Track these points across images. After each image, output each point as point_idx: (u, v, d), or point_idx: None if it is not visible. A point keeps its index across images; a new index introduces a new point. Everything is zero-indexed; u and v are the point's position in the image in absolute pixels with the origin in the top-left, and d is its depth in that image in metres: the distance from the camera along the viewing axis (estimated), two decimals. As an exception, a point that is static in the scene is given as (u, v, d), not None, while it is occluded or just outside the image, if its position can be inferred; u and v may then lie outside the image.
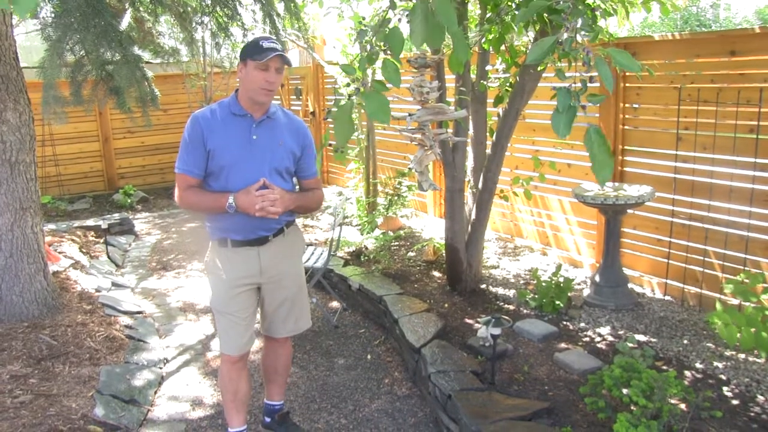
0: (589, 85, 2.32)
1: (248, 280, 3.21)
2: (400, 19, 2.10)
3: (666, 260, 4.97)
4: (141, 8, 5.20)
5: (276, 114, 3.20)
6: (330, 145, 2.90)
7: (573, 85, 2.28)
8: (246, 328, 3.26)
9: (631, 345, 3.77)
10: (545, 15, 2.86)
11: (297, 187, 3.42)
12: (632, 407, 3.03)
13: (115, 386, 4.13)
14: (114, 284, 6.21)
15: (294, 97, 10.88)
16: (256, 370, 4.40)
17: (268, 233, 3.20)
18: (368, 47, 2.26)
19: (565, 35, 2.22)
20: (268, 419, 3.69)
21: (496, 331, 3.68)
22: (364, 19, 5.69)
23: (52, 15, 4.23)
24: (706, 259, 4.69)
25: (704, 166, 4.63)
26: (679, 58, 4.73)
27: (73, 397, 3.94)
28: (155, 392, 4.27)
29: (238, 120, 3.11)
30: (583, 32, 2.20)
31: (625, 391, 3.13)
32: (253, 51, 3.00)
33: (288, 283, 3.35)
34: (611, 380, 3.19)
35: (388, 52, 2.14)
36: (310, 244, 6.43)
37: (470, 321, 4.65)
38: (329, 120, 2.85)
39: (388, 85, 2.49)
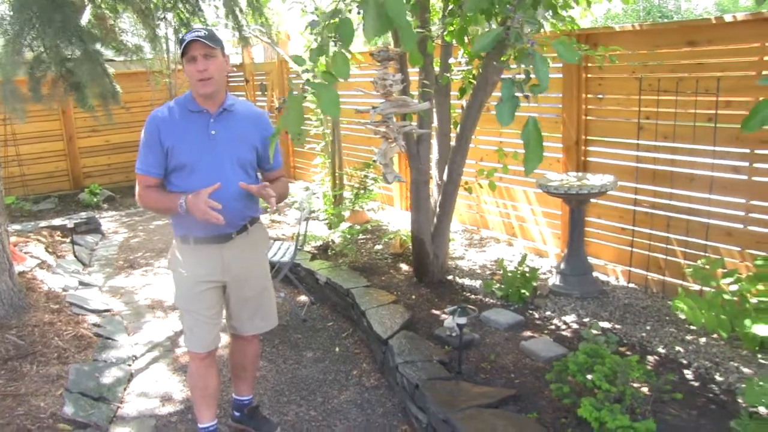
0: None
1: (211, 278, 3.20)
2: (350, 10, 2.12)
3: (630, 248, 5.06)
4: (102, 5, 5.14)
5: (234, 106, 3.18)
6: (287, 133, 2.92)
7: (517, 76, 2.32)
8: (212, 326, 3.26)
9: (595, 332, 3.84)
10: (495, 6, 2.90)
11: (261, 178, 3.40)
12: (596, 392, 3.10)
13: (83, 384, 4.11)
14: (81, 283, 6.15)
15: (260, 93, 10.84)
16: (224, 365, 4.40)
17: (231, 230, 3.19)
18: (319, 38, 2.28)
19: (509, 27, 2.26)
20: (237, 413, 3.70)
21: (462, 320, 3.73)
22: (317, 9, 5.69)
23: (10, 10, 4.17)
24: (669, 246, 4.79)
25: (665, 155, 4.72)
26: (640, 48, 4.81)
27: (42, 396, 3.92)
28: (125, 389, 4.26)
29: (195, 116, 3.10)
30: (527, 24, 2.24)
31: (589, 376, 3.20)
32: (182, 48, 3.00)
33: (253, 282, 3.35)
34: (576, 366, 3.25)
35: (339, 43, 2.15)
36: (278, 239, 6.43)
37: (437, 312, 4.70)
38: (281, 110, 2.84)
39: (355, 80, 2.51)
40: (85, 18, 5.01)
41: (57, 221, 8.22)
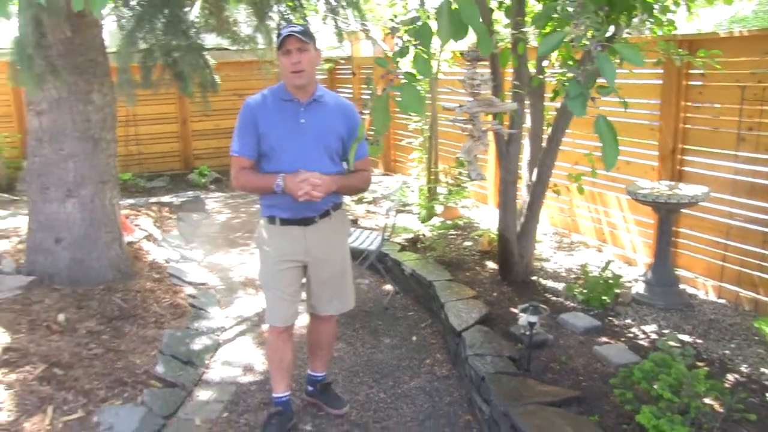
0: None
1: (293, 257, 3.41)
2: (429, 17, 2.24)
3: (721, 262, 4.93)
4: (210, 0, 5.48)
5: (323, 98, 3.36)
6: (367, 138, 3.07)
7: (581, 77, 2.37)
8: (290, 302, 3.47)
9: (672, 343, 3.79)
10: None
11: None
12: (660, 401, 3.08)
13: (175, 348, 4.44)
14: (182, 257, 6.56)
15: (365, 86, 11.09)
16: (303, 344, 4.61)
17: (314, 214, 3.37)
18: (400, 41, 2.41)
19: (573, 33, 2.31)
20: (311, 388, 3.90)
21: (533, 318, 3.78)
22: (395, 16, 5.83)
23: (131, 5, 4.58)
24: (764, 263, 4.63)
25: (766, 167, 4.57)
26: (747, 55, 4.66)
27: (138, 354, 4.27)
28: (211, 356, 4.56)
29: (287, 104, 3.30)
30: (593, 30, 2.28)
31: (655, 386, 3.19)
32: (278, 42, 3.20)
33: (332, 264, 3.53)
34: (641, 373, 3.24)
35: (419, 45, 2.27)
36: (369, 229, 6.60)
37: (515, 310, 4.74)
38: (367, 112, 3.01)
39: (443, 77, 2.60)
40: (195, 11, 5.36)
41: (166, 198, 8.76)
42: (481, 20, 2.14)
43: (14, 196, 9.36)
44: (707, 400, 3.19)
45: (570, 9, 2.28)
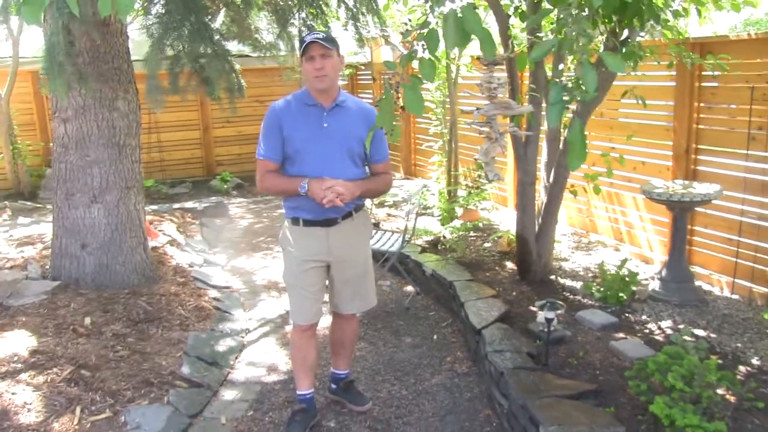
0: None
1: (317, 257, 3.53)
2: (437, 23, 2.35)
3: (735, 259, 5.00)
4: (234, 8, 5.63)
5: (346, 102, 3.49)
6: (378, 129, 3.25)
7: (567, 82, 2.48)
8: (314, 301, 3.59)
9: (686, 338, 3.87)
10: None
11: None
12: (673, 392, 3.17)
13: (200, 349, 4.57)
14: (206, 261, 6.72)
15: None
16: (327, 344, 4.73)
17: (337, 215, 3.50)
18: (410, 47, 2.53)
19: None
20: (334, 386, 4.02)
21: (550, 315, 3.88)
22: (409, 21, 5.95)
23: (156, 14, 4.73)
24: (776, 259, 4.71)
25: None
26: (756, 57, 4.75)
27: (164, 356, 4.40)
28: (236, 357, 4.69)
29: (310, 109, 3.43)
30: (581, 37, 2.39)
31: (668, 377, 3.27)
32: (301, 49, 3.33)
33: (354, 264, 3.65)
34: (655, 365, 3.33)
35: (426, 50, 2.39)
36: (390, 231, 6.72)
37: (534, 309, 4.83)
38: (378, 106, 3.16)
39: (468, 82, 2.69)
40: (219, 20, 5.52)
41: (189, 204, 8.93)
42: (487, 25, 2.25)
43: (37, 203, 9.57)
44: (719, 391, 3.27)
45: (562, 16, 2.38)
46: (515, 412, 3.48)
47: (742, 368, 3.84)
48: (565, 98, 2.51)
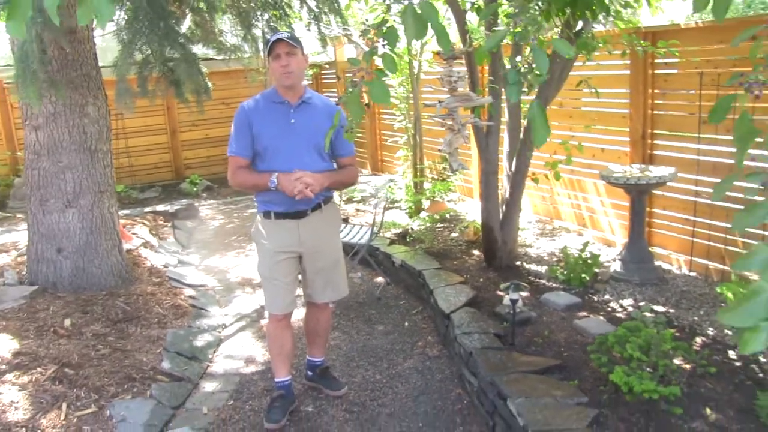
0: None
1: (289, 249, 3.67)
2: (395, 20, 2.50)
3: (691, 238, 5.23)
4: (204, 8, 5.75)
5: (312, 99, 3.65)
6: (342, 126, 3.37)
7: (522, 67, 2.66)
8: (288, 291, 3.74)
9: (646, 313, 4.07)
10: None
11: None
12: (631, 362, 3.36)
13: (179, 345, 4.69)
14: (180, 261, 6.82)
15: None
16: (302, 335, 4.87)
17: (307, 207, 3.64)
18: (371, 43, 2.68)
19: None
20: (310, 373, 4.17)
21: (515, 296, 4.06)
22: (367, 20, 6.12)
23: (125, 20, 4.84)
24: (728, 236, 4.93)
25: (725, 147, 4.86)
26: (705, 44, 4.96)
27: (144, 352, 4.51)
28: (214, 351, 4.82)
29: (278, 107, 3.58)
30: (529, 25, 2.57)
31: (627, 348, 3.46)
32: (267, 48, 3.49)
33: (325, 254, 3.80)
34: (614, 339, 3.52)
35: (387, 46, 2.54)
36: (360, 225, 6.87)
37: (501, 293, 5.01)
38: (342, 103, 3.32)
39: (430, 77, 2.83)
40: (186, 24, 5.64)
41: (160, 207, 9.01)
42: (447, 21, 2.42)
43: (6, 213, 9.53)
44: (676, 361, 3.47)
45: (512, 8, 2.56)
46: (484, 388, 3.65)
47: (698, 339, 4.06)
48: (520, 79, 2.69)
